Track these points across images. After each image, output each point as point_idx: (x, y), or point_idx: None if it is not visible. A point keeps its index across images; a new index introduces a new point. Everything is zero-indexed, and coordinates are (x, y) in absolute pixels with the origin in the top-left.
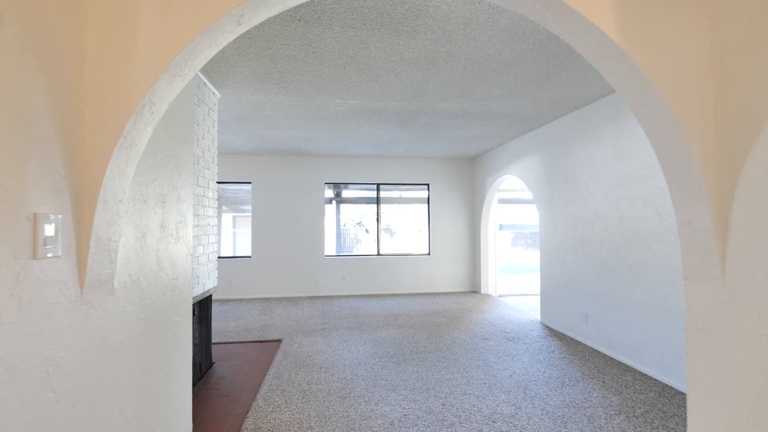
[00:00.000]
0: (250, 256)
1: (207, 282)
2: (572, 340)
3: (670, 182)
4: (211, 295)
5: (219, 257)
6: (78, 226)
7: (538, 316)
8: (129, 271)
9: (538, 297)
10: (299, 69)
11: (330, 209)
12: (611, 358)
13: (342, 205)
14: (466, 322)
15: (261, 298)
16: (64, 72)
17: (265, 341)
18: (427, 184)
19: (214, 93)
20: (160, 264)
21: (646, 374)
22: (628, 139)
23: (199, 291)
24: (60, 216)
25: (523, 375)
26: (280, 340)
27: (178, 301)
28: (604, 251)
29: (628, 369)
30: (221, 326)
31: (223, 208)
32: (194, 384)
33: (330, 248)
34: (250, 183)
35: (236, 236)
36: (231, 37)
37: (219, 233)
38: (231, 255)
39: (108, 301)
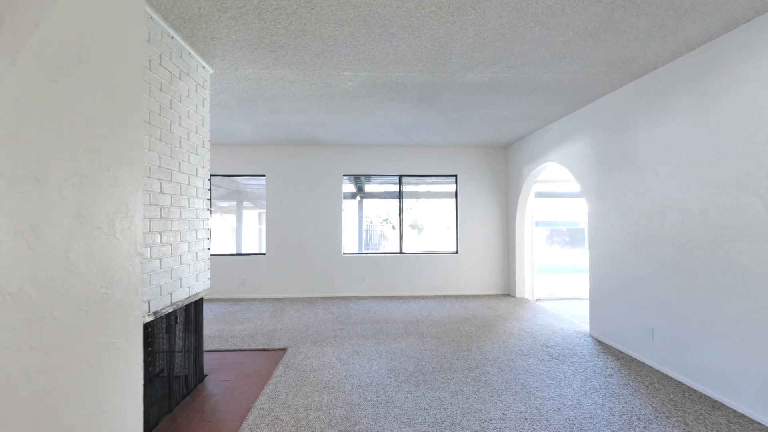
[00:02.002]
0: (264, 253)
1: (194, 284)
2: (633, 360)
3: None
4: (201, 299)
5: (239, 254)
6: None
7: (585, 327)
8: None
9: (583, 302)
10: (294, 29)
11: (353, 204)
12: (690, 388)
13: (366, 201)
14: (499, 331)
15: (274, 298)
16: None
17: (269, 350)
18: (455, 176)
19: (203, 67)
20: (74, 268)
21: (743, 414)
22: (716, 107)
23: (182, 295)
24: None
25: (574, 408)
26: (285, 349)
27: (114, 317)
28: (678, 251)
29: (716, 405)
30: (226, 330)
31: (245, 203)
32: (177, 403)
33: (352, 245)
34: (264, 176)
35: (262, 233)
36: None
37: (240, 229)
38: (257, 252)
39: None
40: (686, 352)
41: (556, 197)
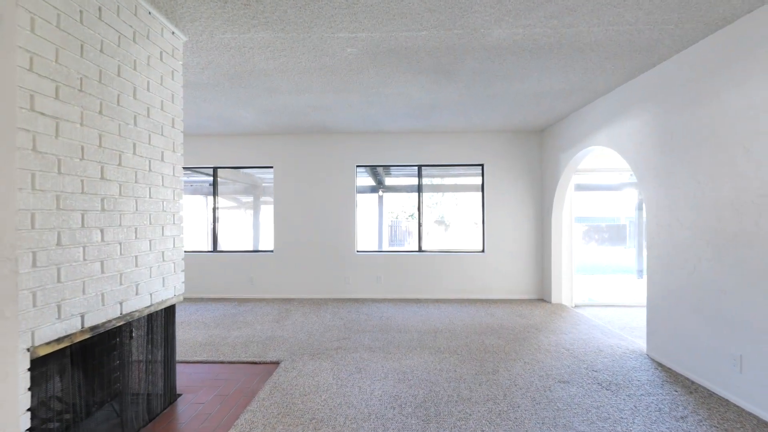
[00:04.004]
0: (272, 251)
1: (159, 290)
2: (711, 395)
3: None
4: (172, 307)
5: (246, 251)
6: None
7: (640, 344)
8: None
9: (631, 311)
10: None
11: (372, 199)
12: None
13: (390, 195)
14: (532, 347)
15: (282, 299)
16: None
17: (260, 363)
18: (481, 165)
19: (172, 32)
20: None
21: None
22: None
23: (139, 304)
24: None
25: None
26: (278, 363)
27: None
28: None
29: None
30: (221, 336)
31: (264, 198)
32: None
33: (371, 243)
34: (271, 168)
35: None
36: None
37: (257, 225)
38: (265, 249)
39: None
40: None
41: (593, 190)
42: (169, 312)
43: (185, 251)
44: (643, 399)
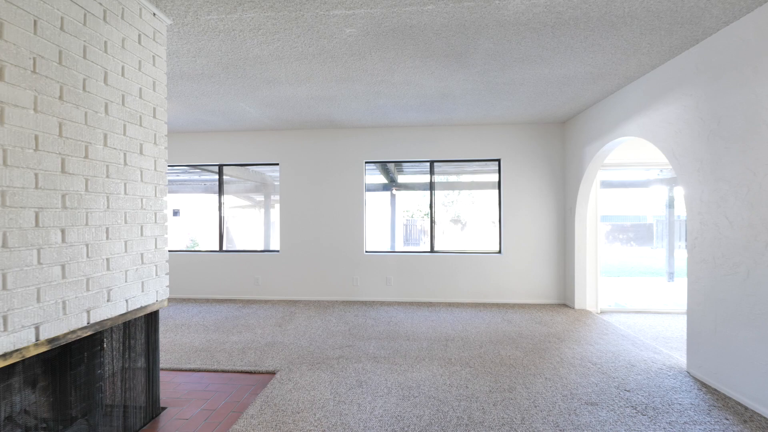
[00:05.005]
0: (278, 251)
1: (138, 296)
2: None
3: None
4: (155, 313)
5: (252, 251)
6: None
7: (678, 359)
8: None
9: (663, 318)
10: None
11: (385, 197)
12: None
13: (404, 193)
14: (554, 360)
15: (287, 301)
16: None
17: (255, 372)
18: (498, 160)
19: (153, 14)
20: None
21: None
22: None
23: (112, 312)
24: None
25: None
26: (274, 373)
27: None
28: None
29: None
30: (219, 341)
31: (274, 197)
32: None
33: (383, 243)
34: (277, 164)
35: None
36: None
37: (268, 224)
38: (271, 249)
39: None
40: None
41: (616, 187)
42: (151, 319)
43: (194, 251)
44: (687, 428)
